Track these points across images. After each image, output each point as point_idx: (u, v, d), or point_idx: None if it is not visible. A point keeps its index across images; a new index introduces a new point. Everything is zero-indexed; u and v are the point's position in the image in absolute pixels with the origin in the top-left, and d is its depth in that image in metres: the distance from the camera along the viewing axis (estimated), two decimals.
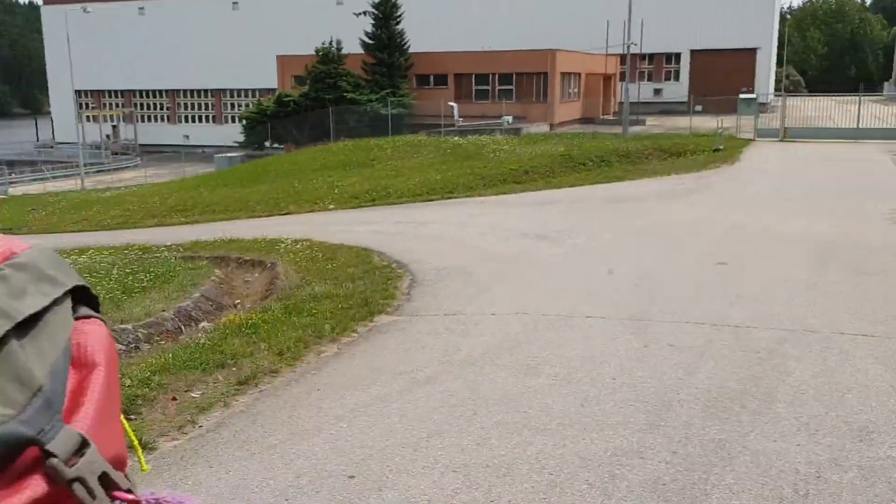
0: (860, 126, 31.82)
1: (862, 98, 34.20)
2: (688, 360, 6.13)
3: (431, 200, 22.99)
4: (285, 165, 35.62)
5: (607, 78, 49.15)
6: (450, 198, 23.34)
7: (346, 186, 27.78)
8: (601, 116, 46.73)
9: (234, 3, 66.92)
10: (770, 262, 10.16)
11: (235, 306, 8.98)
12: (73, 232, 25.60)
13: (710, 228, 13.14)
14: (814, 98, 37.24)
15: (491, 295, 8.43)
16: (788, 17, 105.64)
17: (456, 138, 35.15)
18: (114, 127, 71.19)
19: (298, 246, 12.33)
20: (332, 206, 24.09)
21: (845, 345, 6.50)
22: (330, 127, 41.40)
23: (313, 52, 42.86)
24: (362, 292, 8.23)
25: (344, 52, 43.08)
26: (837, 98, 38.98)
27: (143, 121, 71.78)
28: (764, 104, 42.54)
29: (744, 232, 12.68)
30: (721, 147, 28.06)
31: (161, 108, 72.13)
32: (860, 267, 9.79)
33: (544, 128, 39.89)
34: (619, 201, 17.61)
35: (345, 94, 41.12)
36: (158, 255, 12.55)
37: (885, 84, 77.42)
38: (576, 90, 45.36)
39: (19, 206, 37.46)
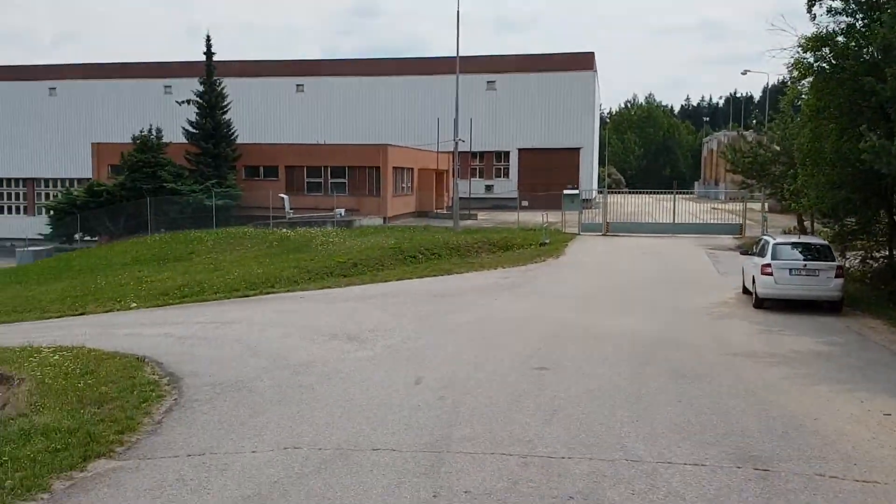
0: (676, 221, 33.38)
1: (676, 195, 36.13)
2: None
3: (249, 296, 21.17)
4: (92, 260, 32.42)
5: (440, 173, 49.78)
6: (270, 292, 21.64)
7: (155, 282, 25.35)
8: (435, 210, 46.94)
9: (52, 88, 62.79)
10: (592, 365, 9.34)
11: None
12: None
13: (532, 326, 12.34)
14: (633, 195, 39.04)
15: (263, 420, 6.92)
16: (608, 121, 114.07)
17: (284, 230, 33.56)
18: None
19: (56, 357, 10.24)
20: (134, 305, 21.63)
21: (673, 481, 5.47)
22: (148, 218, 38.56)
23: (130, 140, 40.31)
24: (97, 423, 6.49)
25: (168, 140, 40.82)
26: (655, 195, 41.23)
27: None
28: (588, 200, 44.36)
29: (566, 330, 11.96)
30: (547, 241, 28.32)
31: None
32: (682, 369, 9.15)
33: (377, 221, 39.25)
34: (444, 296, 16.70)
35: (164, 184, 38.57)
36: None
37: (696, 183, 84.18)
38: (409, 184, 45.38)
39: None
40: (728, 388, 8.27)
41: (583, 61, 55.27)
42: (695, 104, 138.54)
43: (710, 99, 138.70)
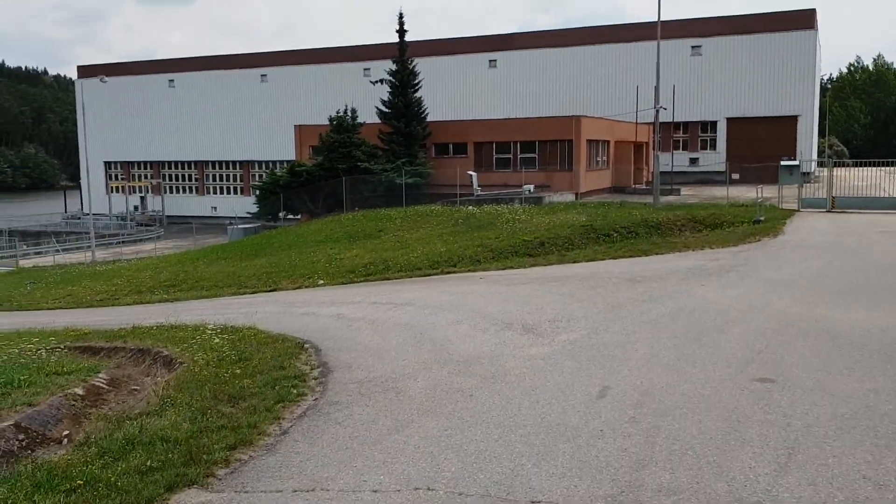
0: None
1: None
2: None
3: (429, 275, 20.43)
4: (290, 237, 33.46)
5: (638, 146, 46.70)
6: (451, 272, 20.77)
7: (345, 260, 25.43)
8: (633, 186, 44.10)
9: (263, 75, 66.66)
10: (834, 377, 7.16)
11: (61, 441, 6.31)
12: (47, 309, 23.58)
13: (748, 320, 10.17)
14: (860, 168, 34.08)
15: (402, 439, 5.59)
16: (828, 87, 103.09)
17: (470, 208, 32.72)
18: (142, 198, 70.84)
19: (217, 340, 9.69)
20: (322, 283, 21.67)
21: None
22: (343, 197, 39.41)
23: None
24: (213, 432, 5.52)
25: (363, 121, 41.45)
26: (886, 168, 35.89)
27: (171, 192, 71.16)
28: (807, 174, 39.56)
29: (792, 326, 9.69)
30: (762, 218, 25.07)
31: (189, 180, 71.51)
32: None
33: (569, 197, 37.34)
34: (639, 280, 14.74)
35: (358, 164, 39.16)
36: (44, 348, 9.99)
37: None
38: (604, 158, 42.90)
39: (21, 278, 36.04)
40: None
41: (802, 19, 49.46)
42: None
43: None
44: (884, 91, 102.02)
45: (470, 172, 38.88)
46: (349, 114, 41.01)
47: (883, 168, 36.17)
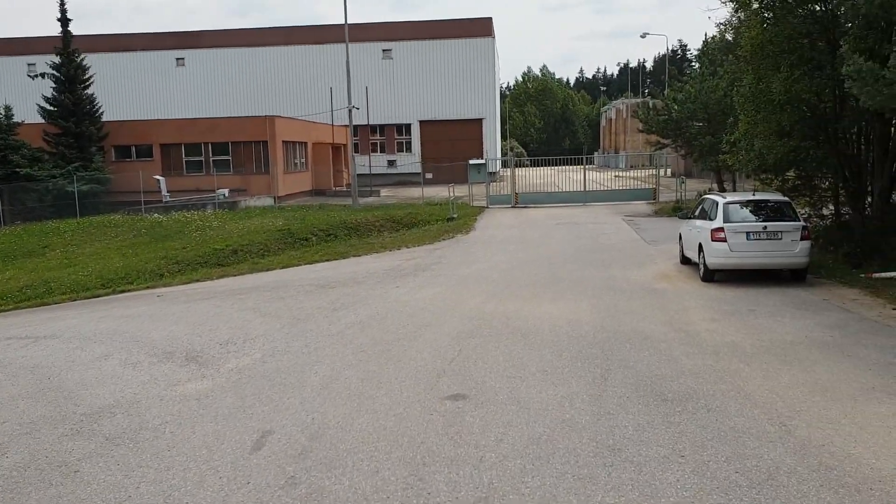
0: (587, 190, 31.30)
1: (583, 165, 34.30)
2: None
3: (99, 296, 17.54)
4: None
5: (337, 148, 46.16)
6: (127, 290, 18.06)
7: None
8: (333, 188, 43.40)
9: None
10: (529, 385, 6.49)
11: None
12: None
13: (442, 323, 9.43)
14: (538, 167, 36.89)
15: None
16: (507, 94, 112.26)
17: (157, 216, 29.56)
18: None
19: None
20: None
21: None
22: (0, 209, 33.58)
23: None
24: None
25: (21, 120, 35.62)
26: (558, 167, 39.26)
27: None
28: (493, 173, 41.84)
29: (486, 326, 9.12)
30: (455, 216, 25.54)
31: None
32: (657, 384, 6.42)
33: (268, 201, 35.50)
34: (333, 286, 13.63)
35: (18, 170, 33.59)
36: None
37: (595, 153, 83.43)
38: (302, 160, 41.60)
39: None
40: (742, 420, 5.51)
41: (481, 27, 52.53)
42: (589, 76, 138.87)
43: (605, 70, 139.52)
44: (551, 98, 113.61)
45: (157, 177, 35.30)
46: (2, 112, 35.07)
47: (555, 167, 39.42)
